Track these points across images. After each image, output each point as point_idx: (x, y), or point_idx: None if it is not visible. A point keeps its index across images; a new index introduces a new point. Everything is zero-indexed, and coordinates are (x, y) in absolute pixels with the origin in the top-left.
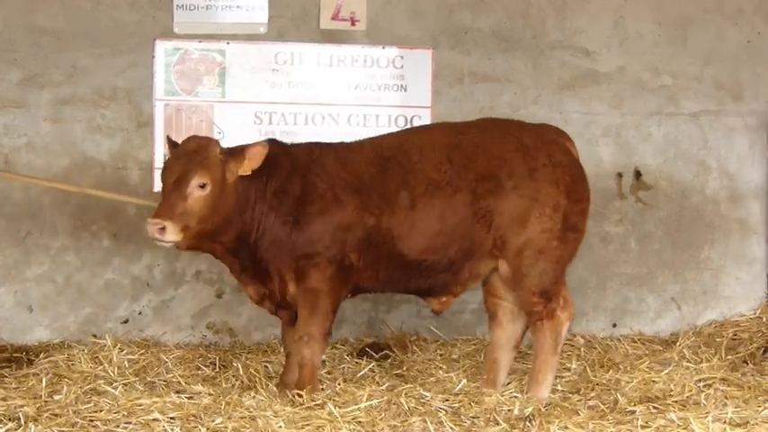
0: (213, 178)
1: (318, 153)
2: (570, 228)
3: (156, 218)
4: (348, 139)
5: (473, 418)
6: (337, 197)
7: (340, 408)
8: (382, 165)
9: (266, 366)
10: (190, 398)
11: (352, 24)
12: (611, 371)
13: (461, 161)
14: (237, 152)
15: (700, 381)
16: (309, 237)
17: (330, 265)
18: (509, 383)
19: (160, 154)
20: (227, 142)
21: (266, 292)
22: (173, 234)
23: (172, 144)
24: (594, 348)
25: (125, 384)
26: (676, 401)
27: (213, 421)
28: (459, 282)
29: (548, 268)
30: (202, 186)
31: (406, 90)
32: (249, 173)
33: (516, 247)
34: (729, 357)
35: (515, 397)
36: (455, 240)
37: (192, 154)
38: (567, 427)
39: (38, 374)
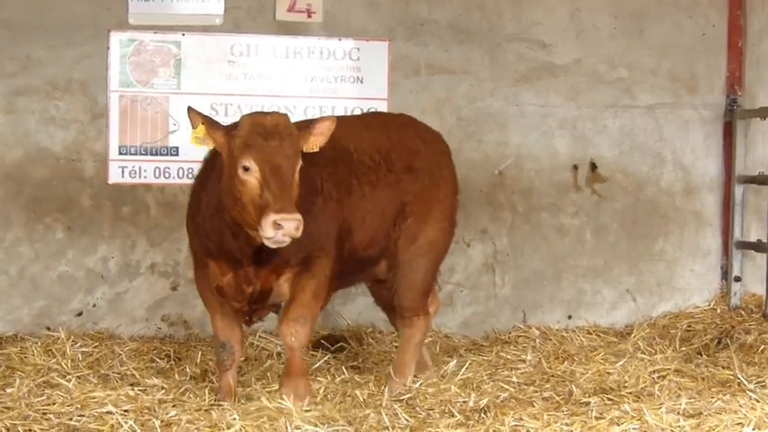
0: (301, 161)
1: None
2: (453, 223)
3: (295, 212)
4: None
5: (428, 410)
6: (330, 190)
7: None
8: (334, 158)
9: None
10: (144, 390)
11: (309, 16)
12: (566, 362)
13: (386, 155)
14: (304, 128)
15: (654, 372)
16: (319, 229)
17: (330, 258)
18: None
19: (115, 145)
20: (183, 134)
21: (253, 289)
22: (301, 230)
23: (209, 123)
24: (550, 340)
25: (78, 377)
26: (630, 393)
27: (167, 414)
28: (373, 278)
29: (434, 264)
30: (299, 169)
31: (362, 82)
32: (316, 150)
33: (415, 242)
34: (683, 349)
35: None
36: (385, 235)
37: (283, 135)
38: (521, 419)
39: None
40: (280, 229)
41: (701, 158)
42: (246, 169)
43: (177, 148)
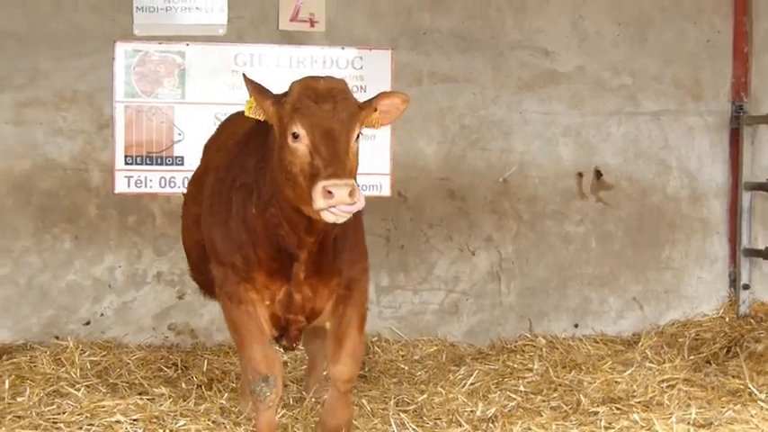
0: (360, 129)
1: None
2: None
3: (347, 177)
4: None
5: (435, 419)
6: None
7: (302, 409)
8: None
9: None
10: (152, 399)
11: (311, 25)
12: (573, 371)
13: None
14: (368, 102)
15: (663, 381)
16: (362, 240)
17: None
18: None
19: (121, 156)
20: (188, 144)
21: (304, 298)
22: (361, 199)
23: (258, 88)
24: (556, 349)
25: (87, 386)
26: (639, 402)
27: (176, 423)
28: None
29: None
30: (357, 138)
31: (365, 91)
32: (377, 128)
33: None
34: (692, 358)
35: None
36: None
37: (338, 99)
38: (529, 429)
39: (0, 376)
40: (331, 197)
41: (708, 165)
42: (296, 136)
43: (182, 157)
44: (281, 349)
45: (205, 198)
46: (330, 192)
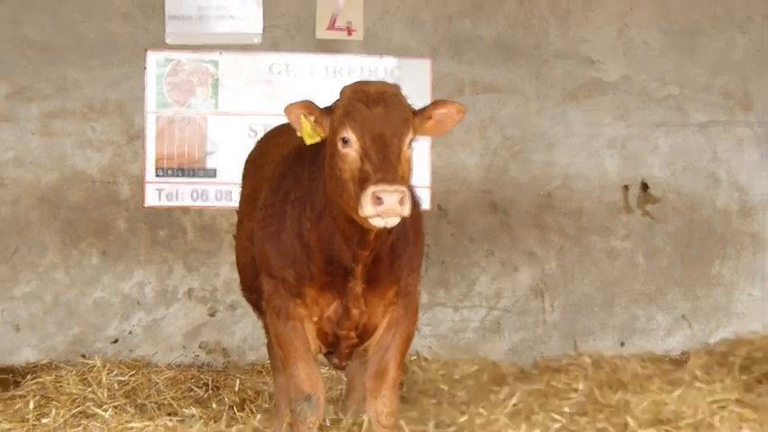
0: (413, 135)
1: None
2: None
3: (398, 183)
4: None
5: None
6: None
7: (338, 431)
8: None
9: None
10: (182, 421)
11: (349, 34)
12: (619, 392)
13: None
14: (420, 109)
15: (713, 402)
16: (421, 248)
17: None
18: None
19: (151, 168)
20: (221, 156)
21: (360, 313)
22: (409, 207)
23: (305, 106)
24: (602, 368)
25: (115, 407)
26: (689, 424)
27: None
28: None
29: None
30: (410, 145)
31: None
32: (428, 137)
33: None
34: (743, 377)
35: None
36: None
37: (389, 103)
38: None
39: (25, 396)
40: (380, 204)
41: (758, 178)
42: (346, 142)
43: (215, 170)
44: (332, 368)
45: (258, 211)
46: (379, 198)
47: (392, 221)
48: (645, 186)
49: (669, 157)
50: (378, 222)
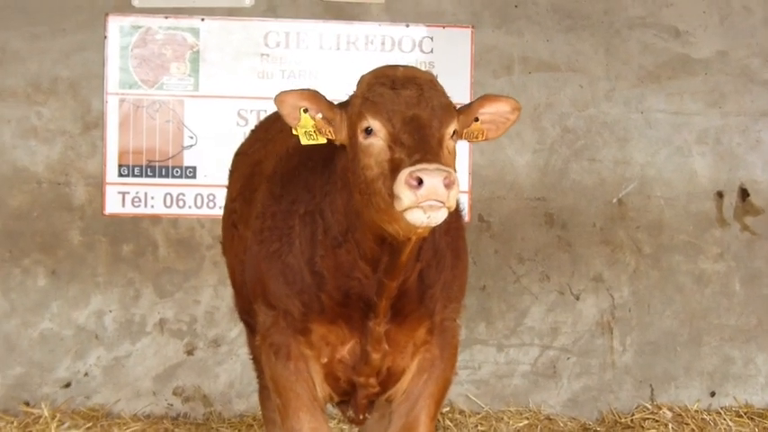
0: (458, 126)
1: None
2: None
3: (440, 162)
4: None
5: None
6: None
7: None
8: None
9: None
10: None
11: None
12: None
13: None
14: (464, 107)
15: None
16: (464, 271)
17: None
18: None
19: (113, 165)
20: (202, 150)
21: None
22: (455, 197)
23: (309, 95)
24: (687, 424)
25: None
26: None
27: None
28: None
29: None
30: (452, 136)
31: None
32: (480, 141)
33: None
34: None
35: None
36: None
37: (424, 86)
38: None
39: None
40: (419, 188)
41: None
42: (369, 132)
43: (194, 168)
44: (347, 421)
45: (254, 219)
46: (419, 178)
47: (437, 216)
48: (744, 193)
49: None
50: (418, 218)
